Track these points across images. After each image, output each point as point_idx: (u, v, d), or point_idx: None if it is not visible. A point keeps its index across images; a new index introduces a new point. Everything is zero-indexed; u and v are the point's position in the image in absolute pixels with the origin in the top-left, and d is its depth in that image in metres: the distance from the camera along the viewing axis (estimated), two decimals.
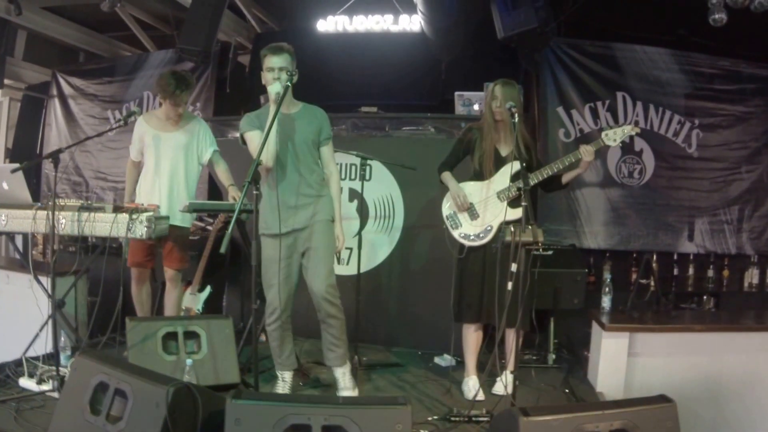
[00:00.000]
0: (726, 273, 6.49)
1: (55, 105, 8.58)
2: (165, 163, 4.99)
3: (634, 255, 6.48)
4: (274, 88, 3.96)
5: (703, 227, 6.43)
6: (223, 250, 3.37)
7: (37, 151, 8.74)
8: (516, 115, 4.06)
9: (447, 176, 4.51)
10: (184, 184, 5.04)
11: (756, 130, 6.42)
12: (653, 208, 6.42)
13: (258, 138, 4.01)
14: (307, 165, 4.19)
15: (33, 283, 4.91)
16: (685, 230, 6.44)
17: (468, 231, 4.40)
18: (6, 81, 8.33)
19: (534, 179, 4.28)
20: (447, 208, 4.51)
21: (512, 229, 3.84)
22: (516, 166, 4.22)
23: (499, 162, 4.40)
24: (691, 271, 6.52)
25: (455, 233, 4.43)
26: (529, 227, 3.76)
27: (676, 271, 6.53)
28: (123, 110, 8.06)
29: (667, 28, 6.95)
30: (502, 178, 4.34)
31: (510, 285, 3.78)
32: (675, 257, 6.50)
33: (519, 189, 4.16)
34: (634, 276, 6.37)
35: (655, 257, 6.46)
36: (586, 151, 4.29)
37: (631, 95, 6.46)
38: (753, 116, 6.41)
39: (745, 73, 6.42)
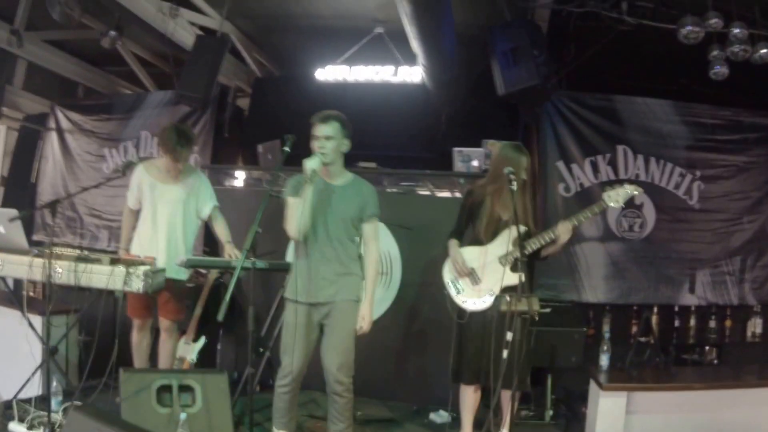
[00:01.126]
0: (729, 323, 6.52)
1: (53, 138, 8.68)
2: (163, 215, 5.08)
3: (635, 308, 6.52)
4: (309, 163, 3.95)
5: (705, 279, 6.48)
6: (220, 318, 3.45)
7: (33, 180, 8.83)
8: (514, 182, 4.17)
9: (451, 243, 4.61)
10: (182, 237, 5.13)
11: (758, 179, 6.51)
12: (654, 261, 6.47)
13: (295, 208, 4.03)
14: (340, 241, 4.16)
15: (25, 322, 4.94)
16: (686, 282, 6.48)
17: (469, 296, 4.48)
18: (4, 109, 8.47)
19: (528, 248, 4.37)
20: (448, 273, 4.60)
21: (508, 298, 3.95)
22: (515, 231, 4.27)
23: (500, 226, 4.49)
24: (692, 322, 6.55)
25: (457, 298, 4.52)
26: (525, 298, 3.87)
27: (677, 323, 6.56)
28: (120, 148, 8.19)
29: (669, 78, 7.08)
30: (502, 242, 4.43)
31: (505, 353, 3.88)
32: (676, 309, 6.54)
33: (516, 259, 4.26)
34: (634, 329, 6.42)
35: (655, 310, 6.50)
36: (565, 230, 4.38)
37: (632, 148, 6.53)
38: (755, 166, 6.50)
39: (746, 123, 6.52)
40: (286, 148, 4.10)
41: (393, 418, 5.42)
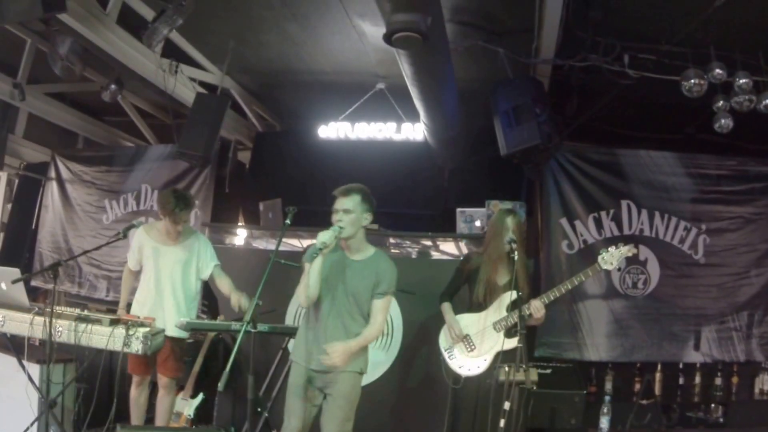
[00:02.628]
0: (735, 380, 6.51)
1: (53, 188, 8.90)
2: (164, 276, 5.32)
3: (638, 366, 6.54)
4: (321, 236, 4.04)
5: (710, 335, 6.45)
6: (221, 388, 3.63)
7: (33, 227, 9.04)
8: (516, 251, 4.36)
9: (445, 308, 4.78)
10: (183, 297, 5.36)
11: (765, 231, 6.51)
12: (658, 318, 6.47)
13: (307, 279, 4.11)
14: (350, 315, 4.23)
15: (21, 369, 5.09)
16: (691, 339, 6.46)
17: (464, 362, 4.65)
18: (6, 158, 8.64)
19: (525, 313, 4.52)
20: (444, 339, 4.78)
21: (506, 368, 4.12)
22: (513, 296, 4.48)
23: (496, 292, 4.67)
24: (697, 379, 6.54)
25: (452, 364, 4.69)
26: (523, 369, 4.03)
27: (681, 381, 6.56)
28: (120, 201, 8.38)
29: (673, 127, 7.20)
30: (498, 308, 4.62)
31: (502, 423, 4.04)
32: (681, 366, 6.54)
33: (516, 330, 4.33)
34: (637, 387, 6.43)
35: (659, 368, 6.51)
36: (536, 309, 4.54)
37: (636, 203, 6.59)
38: (762, 217, 6.51)
39: (752, 172, 6.55)
40: (288, 222, 4.24)
41: None
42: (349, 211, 4.17)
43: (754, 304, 6.50)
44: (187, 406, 5.80)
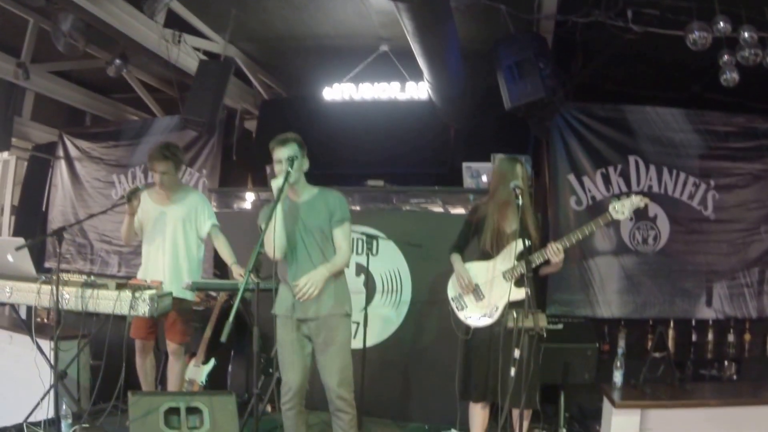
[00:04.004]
0: (748, 337, 6.44)
1: (62, 166, 8.84)
2: (166, 237, 5.18)
3: (650, 322, 6.47)
4: (275, 183, 4.10)
5: (722, 292, 6.40)
6: (223, 339, 3.52)
7: (43, 209, 8.98)
8: (520, 196, 4.21)
9: (453, 258, 4.64)
10: (185, 256, 5.22)
11: None
12: (669, 275, 6.41)
13: (269, 230, 4.12)
14: (321, 252, 4.25)
15: (35, 349, 5.04)
16: (702, 296, 6.41)
17: (473, 312, 4.50)
18: (13, 140, 8.65)
19: (535, 262, 4.38)
20: (452, 289, 4.63)
21: (515, 315, 3.98)
22: (520, 245, 4.32)
23: (505, 241, 4.50)
24: (710, 336, 6.48)
25: (461, 315, 4.54)
26: (531, 314, 3.89)
27: (694, 338, 6.50)
28: (128, 174, 8.32)
29: (680, 86, 7.06)
30: (507, 257, 4.46)
31: (513, 371, 3.91)
32: (693, 323, 6.48)
33: (522, 273, 4.27)
34: (650, 343, 6.32)
35: (671, 324, 6.44)
36: (553, 252, 4.37)
37: (643, 159, 6.50)
38: None
39: (761, 129, 6.46)
40: (290, 170, 4.16)
41: None
42: (291, 157, 4.18)
43: (765, 260, 6.44)
44: (200, 373, 5.69)
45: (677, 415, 4.67)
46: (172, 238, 5.19)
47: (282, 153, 4.21)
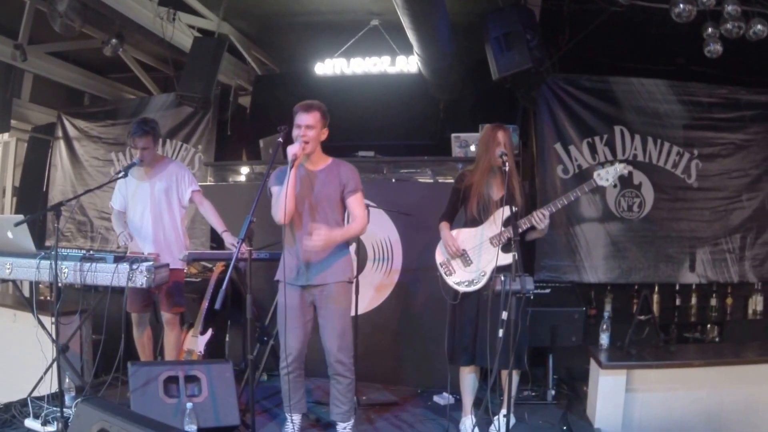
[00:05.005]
0: (730, 301, 6.51)
1: (61, 146, 8.78)
2: (151, 209, 5.18)
3: (636, 287, 6.51)
4: (290, 150, 4.05)
5: (705, 257, 6.43)
6: (217, 306, 3.50)
7: (44, 190, 8.94)
8: (506, 163, 4.19)
9: (441, 226, 4.61)
10: (171, 228, 5.22)
11: (756, 157, 6.44)
12: (654, 241, 6.43)
13: (279, 194, 4.13)
14: (327, 223, 4.19)
15: (37, 325, 5.04)
16: (686, 261, 6.43)
17: (461, 278, 4.48)
18: (13, 122, 8.59)
19: (522, 227, 4.36)
20: (440, 255, 4.60)
21: (502, 278, 3.97)
22: (507, 211, 4.32)
23: (492, 207, 4.48)
24: (693, 300, 6.53)
25: (449, 280, 4.52)
26: (519, 277, 3.88)
27: (678, 302, 6.53)
28: (126, 152, 8.26)
29: (665, 58, 7.01)
30: (494, 223, 4.44)
31: (501, 332, 3.90)
32: (677, 288, 6.51)
33: (509, 238, 4.25)
34: (635, 307, 6.35)
35: (656, 289, 6.47)
36: (539, 219, 4.36)
37: (629, 129, 6.48)
38: (753, 143, 6.44)
39: (743, 100, 6.45)
40: (280, 140, 4.14)
41: (397, 401, 5.46)
42: (311, 126, 4.17)
43: (746, 227, 6.47)
44: (198, 343, 5.69)
45: (662, 376, 4.70)
46: (158, 210, 5.18)
47: (302, 119, 4.17)
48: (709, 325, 6.53)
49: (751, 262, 6.43)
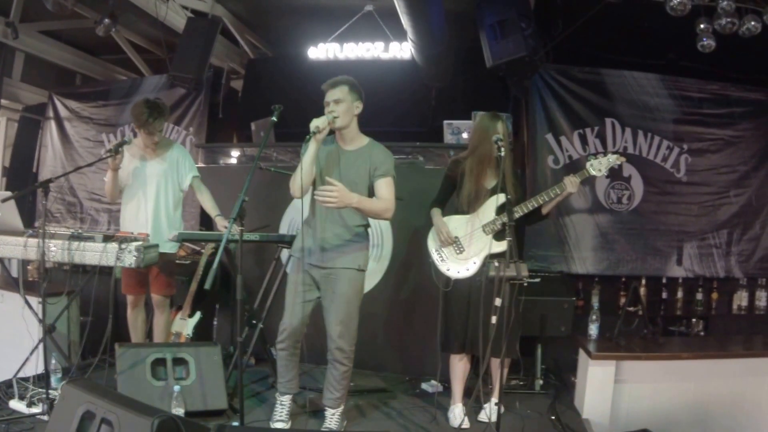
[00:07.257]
0: (715, 296, 6.48)
1: (51, 127, 8.61)
2: (148, 190, 5.03)
3: (623, 279, 6.47)
4: (314, 121, 3.88)
5: (692, 251, 6.43)
6: (207, 286, 3.38)
7: (34, 170, 8.78)
8: (502, 149, 4.08)
9: (433, 212, 4.53)
10: (165, 211, 5.08)
11: (744, 153, 6.43)
12: (642, 233, 6.41)
13: (300, 167, 3.95)
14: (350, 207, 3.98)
15: (24, 306, 4.93)
16: (673, 254, 6.42)
17: (453, 265, 4.39)
18: (3, 101, 8.41)
19: (518, 212, 4.29)
20: (432, 242, 4.51)
21: (496, 264, 3.87)
22: (501, 198, 4.21)
23: (485, 195, 4.39)
24: (680, 294, 6.50)
25: (441, 267, 4.43)
26: (513, 263, 3.78)
27: (665, 295, 6.51)
28: (117, 134, 8.11)
29: (657, 53, 6.96)
30: (487, 211, 4.35)
31: (494, 319, 3.80)
32: (664, 281, 6.49)
33: (504, 223, 4.14)
34: (623, 300, 6.34)
35: (643, 281, 6.44)
36: (571, 183, 4.30)
37: (620, 121, 6.45)
38: (741, 140, 6.42)
39: (733, 97, 6.45)
40: (274, 118, 4.02)
41: (385, 388, 5.36)
42: (340, 100, 4.06)
43: (733, 223, 6.46)
44: (186, 326, 5.57)
45: (650, 367, 4.66)
46: (155, 192, 5.04)
47: (330, 95, 4.09)
48: (694, 319, 6.50)
49: (737, 258, 6.43)
